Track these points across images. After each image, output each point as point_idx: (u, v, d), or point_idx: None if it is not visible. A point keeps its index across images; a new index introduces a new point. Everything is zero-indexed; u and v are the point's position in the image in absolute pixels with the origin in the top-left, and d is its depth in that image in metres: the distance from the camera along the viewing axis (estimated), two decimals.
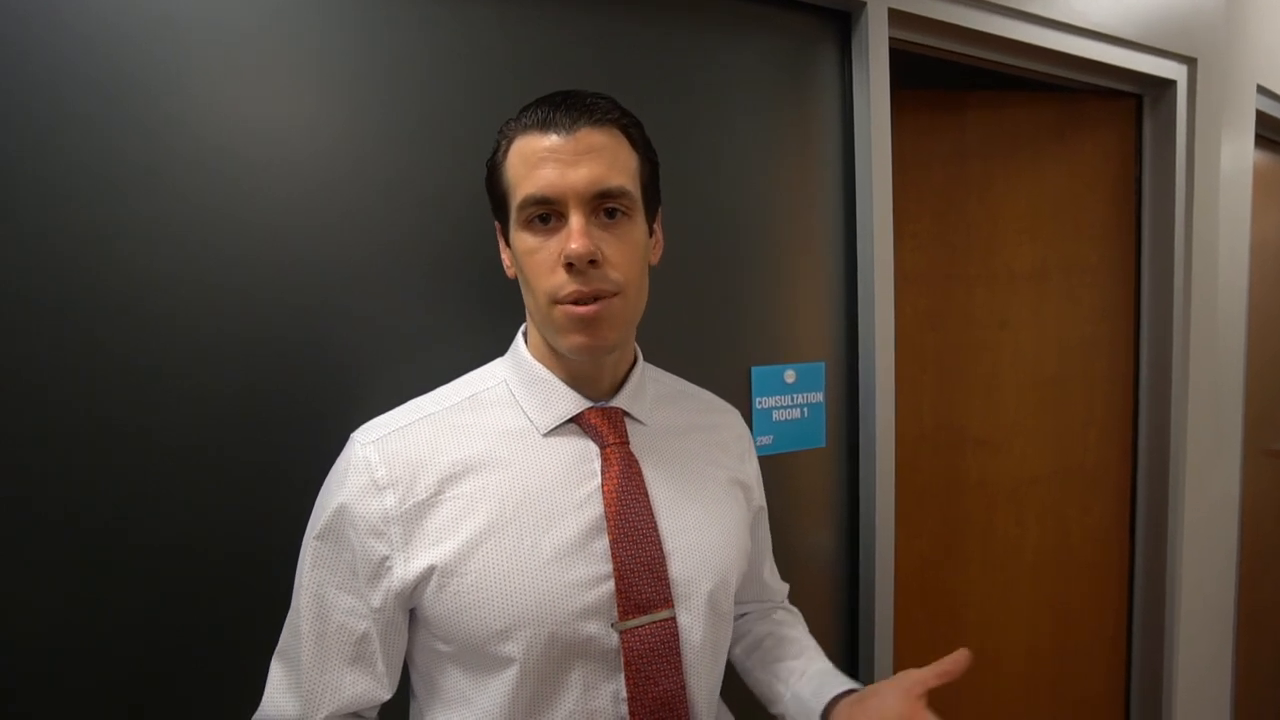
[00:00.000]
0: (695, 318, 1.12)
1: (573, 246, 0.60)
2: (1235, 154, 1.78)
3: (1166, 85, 1.63)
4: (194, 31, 0.79)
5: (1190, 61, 1.63)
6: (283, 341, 0.85)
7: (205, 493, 0.82)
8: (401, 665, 0.69)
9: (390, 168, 0.90)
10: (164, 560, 0.80)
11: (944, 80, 1.64)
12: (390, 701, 0.70)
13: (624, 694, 0.64)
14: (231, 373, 0.83)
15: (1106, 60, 1.50)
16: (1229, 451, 1.86)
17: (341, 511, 0.64)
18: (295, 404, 0.86)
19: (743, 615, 0.92)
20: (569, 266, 0.61)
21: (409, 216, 0.91)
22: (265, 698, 0.68)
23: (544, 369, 0.70)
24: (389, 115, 0.89)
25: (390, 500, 0.63)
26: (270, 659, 0.70)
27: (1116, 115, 1.68)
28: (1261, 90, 1.87)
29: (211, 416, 0.82)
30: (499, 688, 0.62)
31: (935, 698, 0.73)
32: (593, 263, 0.61)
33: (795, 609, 0.96)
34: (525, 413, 0.70)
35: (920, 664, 0.75)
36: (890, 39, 1.24)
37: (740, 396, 1.16)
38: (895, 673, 1.31)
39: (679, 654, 0.66)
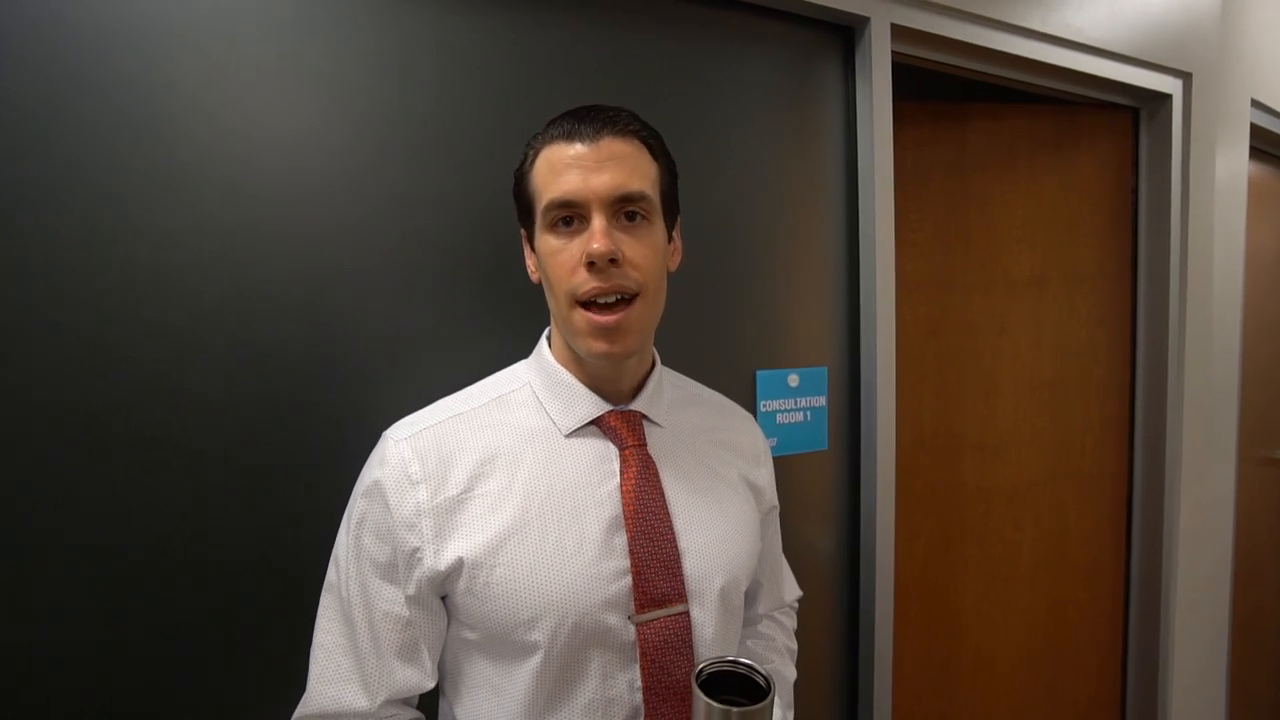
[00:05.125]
0: (702, 322, 1.15)
1: (595, 246, 0.63)
2: (1230, 166, 1.81)
3: (1162, 99, 1.66)
4: (206, 39, 0.81)
5: (1185, 76, 1.67)
6: (296, 347, 0.87)
7: (222, 499, 0.83)
8: (440, 653, 0.71)
9: (403, 174, 0.92)
10: (181, 565, 0.82)
11: (945, 92, 1.68)
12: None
13: (639, 683, 0.67)
14: (246, 379, 0.84)
15: (1104, 74, 1.54)
16: (1223, 457, 1.89)
17: (377, 505, 0.67)
18: (309, 409, 0.88)
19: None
20: (590, 265, 0.64)
21: (422, 222, 0.93)
22: (315, 691, 0.68)
23: (566, 373, 0.73)
24: (402, 121, 0.92)
25: (423, 494, 0.66)
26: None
27: (1113, 128, 1.71)
28: (1255, 104, 1.91)
29: (226, 422, 0.83)
30: (524, 675, 0.65)
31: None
32: (613, 261, 0.64)
33: (786, 622, 0.95)
34: (548, 414, 0.73)
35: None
36: (893, 53, 1.28)
37: (745, 399, 1.19)
38: (894, 673, 1.34)
39: (692, 646, 0.69)
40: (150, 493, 0.80)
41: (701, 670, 0.60)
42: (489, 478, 0.68)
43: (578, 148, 0.65)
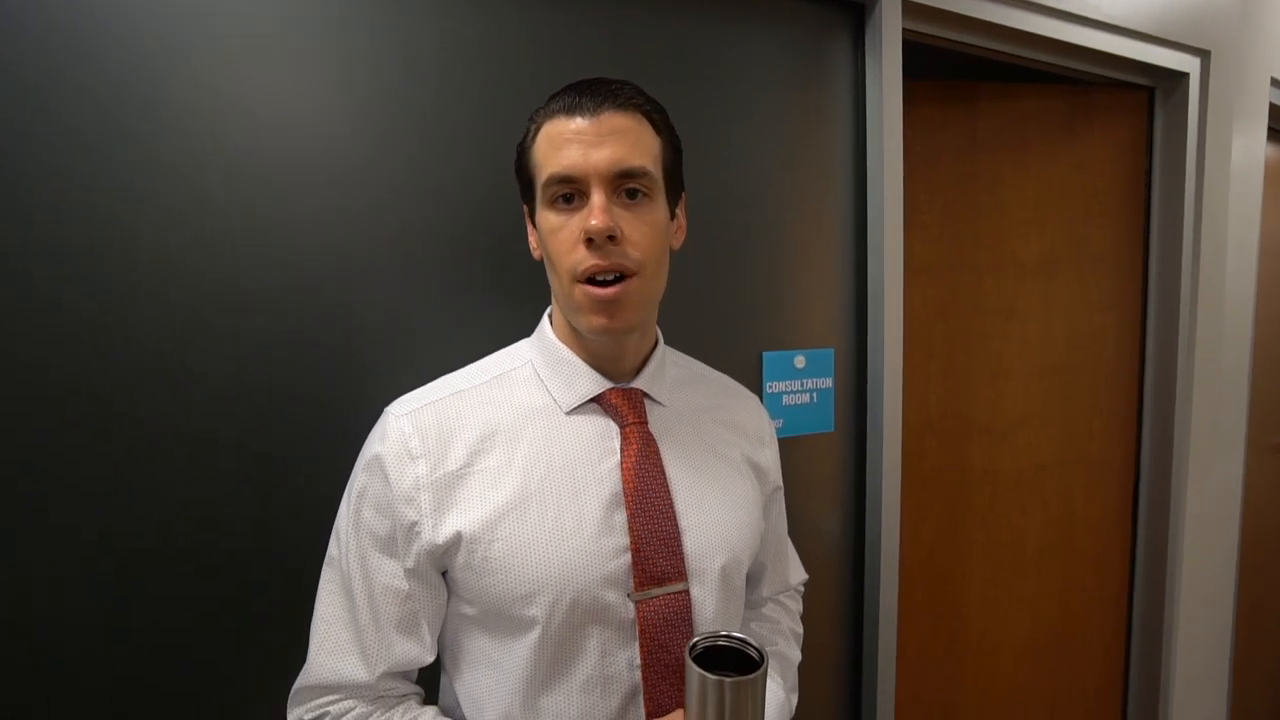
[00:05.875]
0: (709, 302, 1.14)
1: (593, 222, 0.62)
2: (1247, 148, 1.78)
3: (1179, 78, 1.63)
4: (211, 16, 0.80)
5: (1204, 54, 1.63)
6: (300, 334, 0.86)
7: (225, 487, 0.83)
8: (440, 628, 0.71)
9: (406, 162, 0.91)
10: (183, 554, 0.82)
11: (952, 71, 1.65)
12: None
13: (638, 661, 0.67)
14: (248, 366, 0.84)
15: (1119, 52, 1.50)
16: (1232, 444, 1.88)
17: (377, 479, 0.67)
18: (310, 397, 0.87)
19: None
20: (589, 242, 0.63)
21: (425, 209, 0.92)
22: (315, 662, 0.68)
23: (568, 350, 0.73)
24: (406, 108, 0.91)
25: (422, 469, 0.66)
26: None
27: (1128, 108, 1.68)
28: (1276, 83, 1.87)
29: (229, 410, 0.83)
30: (521, 650, 0.65)
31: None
32: (612, 239, 0.63)
33: (791, 605, 0.95)
34: (549, 391, 0.72)
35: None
36: (904, 30, 1.25)
37: (751, 380, 1.18)
38: (897, 655, 1.34)
39: (691, 625, 0.69)
40: (152, 480, 0.80)
41: (695, 644, 0.60)
42: (489, 454, 0.68)
43: (578, 122, 0.64)
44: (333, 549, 0.71)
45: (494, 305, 0.97)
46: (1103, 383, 1.73)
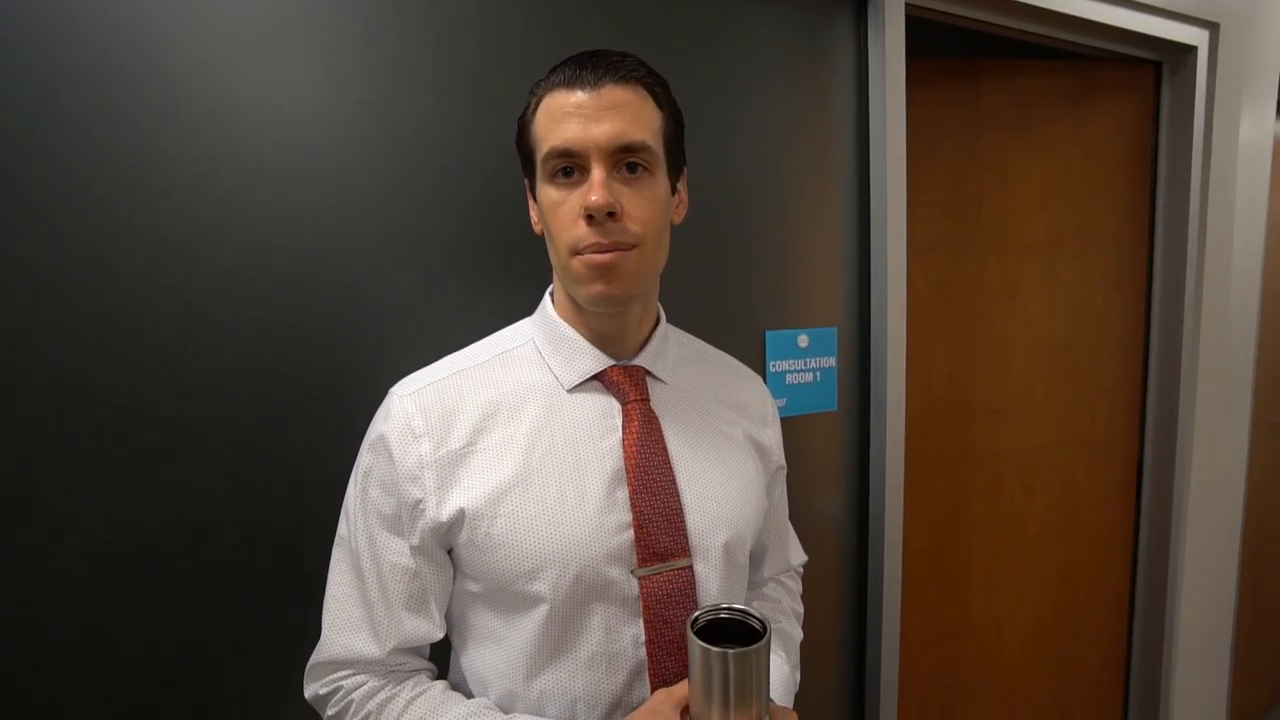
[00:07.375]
0: (712, 281, 1.13)
1: (592, 198, 0.62)
2: (1256, 124, 1.75)
3: (1187, 52, 1.61)
4: (211, 14, 0.79)
5: (1213, 27, 1.60)
6: (302, 325, 0.86)
7: (228, 482, 0.83)
8: (448, 604, 0.72)
9: (405, 144, 0.90)
10: (191, 548, 0.82)
11: (954, 47, 1.63)
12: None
13: (643, 637, 0.67)
14: (256, 358, 0.84)
15: (1126, 26, 1.48)
16: (1237, 424, 1.87)
17: (382, 458, 0.67)
18: (315, 385, 0.87)
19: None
20: (589, 218, 0.63)
21: (425, 194, 0.92)
22: (328, 639, 0.69)
23: (569, 328, 0.73)
24: (405, 90, 0.89)
25: (426, 447, 0.66)
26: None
27: (1134, 83, 1.66)
28: None
29: (236, 402, 0.83)
30: (527, 626, 0.66)
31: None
32: (611, 215, 0.63)
33: (791, 585, 0.95)
34: (551, 369, 0.72)
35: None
36: (907, 5, 1.24)
37: (754, 359, 1.18)
38: (900, 635, 1.35)
39: (696, 602, 0.69)
40: (153, 473, 0.80)
41: (696, 618, 0.59)
42: (491, 432, 0.68)
43: (579, 95, 0.63)
44: (342, 528, 0.72)
45: (495, 291, 0.96)
46: (1107, 362, 1.72)
